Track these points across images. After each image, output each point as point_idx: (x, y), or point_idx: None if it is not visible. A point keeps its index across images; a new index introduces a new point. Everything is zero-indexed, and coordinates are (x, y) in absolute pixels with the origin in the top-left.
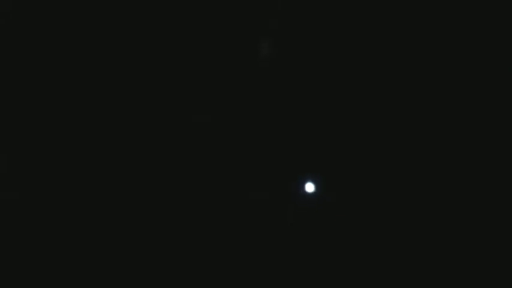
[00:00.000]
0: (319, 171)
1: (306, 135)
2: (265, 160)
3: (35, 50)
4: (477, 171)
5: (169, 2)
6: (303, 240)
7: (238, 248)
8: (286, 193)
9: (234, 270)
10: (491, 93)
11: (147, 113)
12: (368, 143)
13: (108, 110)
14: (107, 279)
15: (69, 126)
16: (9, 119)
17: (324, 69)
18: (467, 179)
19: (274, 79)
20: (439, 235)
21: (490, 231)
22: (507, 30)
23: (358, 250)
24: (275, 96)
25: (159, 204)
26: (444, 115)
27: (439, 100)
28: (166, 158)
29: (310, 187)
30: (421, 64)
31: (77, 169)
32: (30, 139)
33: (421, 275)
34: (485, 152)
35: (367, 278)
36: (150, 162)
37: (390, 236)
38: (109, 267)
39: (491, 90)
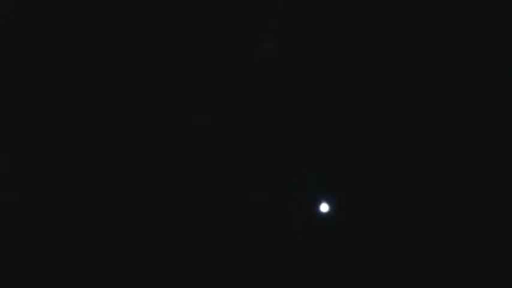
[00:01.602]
0: (320, 172)
1: (306, 136)
2: (266, 160)
3: (35, 50)
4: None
5: (170, 2)
6: (305, 246)
7: (238, 248)
8: (287, 194)
9: (234, 271)
10: (491, 93)
11: (147, 113)
12: (373, 145)
13: (108, 110)
14: (107, 279)
15: (69, 126)
16: (9, 119)
17: (327, 70)
18: (487, 192)
19: (275, 79)
20: (454, 251)
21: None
22: (507, 30)
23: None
24: (276, 96)
25: (159, 204)
26: (461, 129)
27: (455, 111)
28: (166, 157)
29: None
30: (423, 63)
31: (77, 169)
32: (30, 139)
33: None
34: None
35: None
36: (150, 162)
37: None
38: (109, 267)
39: (491, 90)
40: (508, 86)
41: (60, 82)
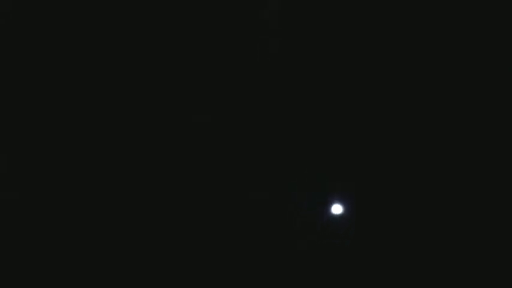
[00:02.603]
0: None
1: (307, 136)
2: (266, 160)
3: (35, 50)
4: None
5: (169, 2)
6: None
7: (239, 249)
8: (286, 193)
9: (234, 271)
10: (492, 93)
11: (147, 113)
12: (378, 145)
13: (108, 110)
14: (107, 279)
15: (69, 126)
16: (9, 119)
17: (328, 70)
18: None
19: (275, 79)
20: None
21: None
22: (507, 30)
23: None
24: (276, 96)
25: (159, 204)
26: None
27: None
28: (166, 157)
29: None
30: (425, 63)
31: (77, 169)
32: (30, 139)
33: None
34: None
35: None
36: (150, 162)
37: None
38: (109, 267)
39: (491, 90)
40: (508, 86)
41: (60, 82)
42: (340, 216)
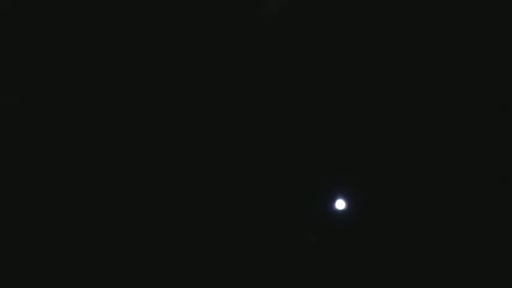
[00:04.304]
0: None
1: (306, 135)
2: (266, 161)
3: (35, 50)
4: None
5: (169, 1)
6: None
7: (240, 248)
8: (286, 193)
9: (235, 271)
10: (492, 93)
11: (147, 113)
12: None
13: (108, 110)
14: (107, 279)
15: (69, 126)
16: (9, 119)
17: (329, 69)
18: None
19: (276, 78)
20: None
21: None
22: (507, 30)
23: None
24: (276, 96)
25: (160, 204)
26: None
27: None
28: (166, 158)
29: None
30: (426, 62)
31: (77, 169)
32: (30, 139)
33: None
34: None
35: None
36: (151, 162)
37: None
38: (109, 267)
39: (491, 90)
40: (508, 86)
41: (60, 82)
42: (342, 215)
